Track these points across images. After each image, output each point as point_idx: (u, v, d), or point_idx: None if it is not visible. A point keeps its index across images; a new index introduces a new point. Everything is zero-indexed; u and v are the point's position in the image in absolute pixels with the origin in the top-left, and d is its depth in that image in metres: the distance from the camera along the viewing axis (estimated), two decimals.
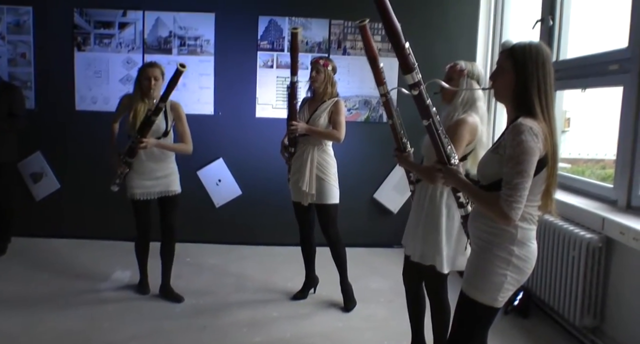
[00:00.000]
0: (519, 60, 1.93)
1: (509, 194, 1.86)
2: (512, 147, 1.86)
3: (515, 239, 1.98)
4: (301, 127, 3.73)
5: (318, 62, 3.77)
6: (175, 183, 3.91)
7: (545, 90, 1.92)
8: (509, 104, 2.02)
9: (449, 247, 2.69)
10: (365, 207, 5.33)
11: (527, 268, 2.02)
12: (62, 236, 5.22)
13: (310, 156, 3.77)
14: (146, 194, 3.84)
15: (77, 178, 5.21)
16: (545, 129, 1.88)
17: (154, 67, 3.74)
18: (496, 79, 2.02)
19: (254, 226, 5.32)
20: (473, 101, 2.65)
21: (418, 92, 2.06)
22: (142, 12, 5.12)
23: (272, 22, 5.17)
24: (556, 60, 4.05)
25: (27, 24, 5.08)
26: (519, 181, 1.85)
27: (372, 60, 2.63)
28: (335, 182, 3.83)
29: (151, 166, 3.80)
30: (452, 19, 5.16)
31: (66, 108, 5.14)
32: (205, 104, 5.18)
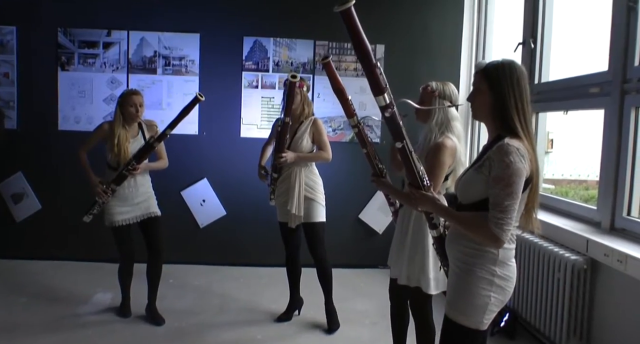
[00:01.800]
0: (494, 80, 1.94)
1: (499, 217, 1.85)
2: (501, 168, 1.85)
3: (497, 260, 1.97)
4: (290, 157, 3.71)
5: (294, 84, 3.62)
6: (155, 205, 3.92)
7: (522, 108, 1.93)
8: (489, 124, 2.03)
9: (436, 269, 2.69)
10: (351, 228, 5.32)
11: (509, 287, 2.02)
12: (43, 257, 5.16)
13: (297, 178, 3.76)
14: (127, 220, 3.83)
15: (59, 199, 5.16)
16: (528, 148, 1.89)
17: (138, 94, 3.76)
18: (474, 100, 2.02)
19: (238, 247, 5.29)
20: (448, 121, 2.68)
21: (390, 114, 1.98)
22: (127, 32, 5.12)
23: (257, 42, 5.19)
24: (538, 82, 4.10)
25: (10, 44, 5.07)
26: (509, 202, 1.85)
27: (339, 93, 2.64)
28: (322, 201, 3.84)
29: (131, 191, 3.81)
30: (435, 40, 5.21)
31: (49, 128, 5.11)
32: (190, 124, 5.16)
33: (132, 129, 3.79)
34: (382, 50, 5.20)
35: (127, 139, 3.74)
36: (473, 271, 1.99)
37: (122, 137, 3.72)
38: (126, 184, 3.77)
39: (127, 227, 3.84)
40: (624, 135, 3.10)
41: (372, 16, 5.15)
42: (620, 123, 3.12)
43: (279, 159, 3.69)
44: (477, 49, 5.14)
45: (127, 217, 3.81)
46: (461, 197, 2.07)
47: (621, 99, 3.11)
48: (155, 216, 3.89)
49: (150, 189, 3.92)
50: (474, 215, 1.95)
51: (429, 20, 5.22)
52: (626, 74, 3.09)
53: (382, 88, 1.92)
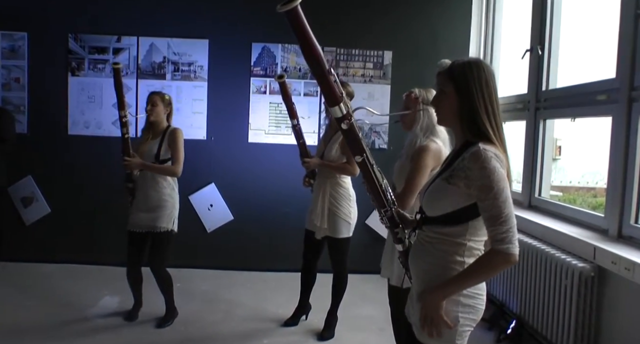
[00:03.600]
0: (461, 81, 1.77)
1: (504, 230, 1.67)
2: (486, 176, 1.69)
3: None
4: (313, 163, 3.71)
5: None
6: (162, 219, 3.76)
7: (493, 110, 1.77)
8: (457, 128, 1.85)
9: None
10: (357, 234, 5.09)
11: (478, 304, 1.85)
12: (52, 261, 5.18)
13: (323, 189, 3.72)
14: (135, 226, 3.81)
15: (68, 203, 5.20)
16: (502, 154, 1.75)
17: (154, 94, 3.86)
18: (438, 103, 1.85)
19: (245, 252, 5.29)
20: (432, 125, 2.69)
21: (347, 126, 1.81)
22: (137, 38, 5.16)
23: (265, 48, 5.22)
24: (546, 89, 4.10)
25: (21, 49, 5.13)
26: (507, 210, 1.69)
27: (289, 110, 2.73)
28: (347, 217, 3.74)
29: (143, 194, 3.80)
30: (443, 48, 5.20)
31: (58, 132, 5.16)
32: (198, 129, 5.20)
33: (155, 131, 3.82)
34: (390, 57, 5.21)
35: (146, 140, 3.82)
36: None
37: (143, 137, 3.86)
38: (139, 186, 3.81)
39: (135, 235, 3.82)
40: (632, 142, 3.09)
41: (381, 23, 5.18)
42: (628, 130, 3.11)
43: (303, 165, 3.75)
44: (484, 56, 5.15)
45: (134, 223, 3.81)
46: (427, 209, 1.87)
47: (629, 107, 3.10)
48: (160, 231, 3.76)
49: (166, 198, 3.78)
50: (482, 259, 1.75)
51: (437, 28, 5.24)
52: (634, 82, 3.09)
53: (338, 98, 1.72)
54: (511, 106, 4.48)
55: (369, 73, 5.22)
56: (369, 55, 5.19)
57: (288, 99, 3.74)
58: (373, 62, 5.21)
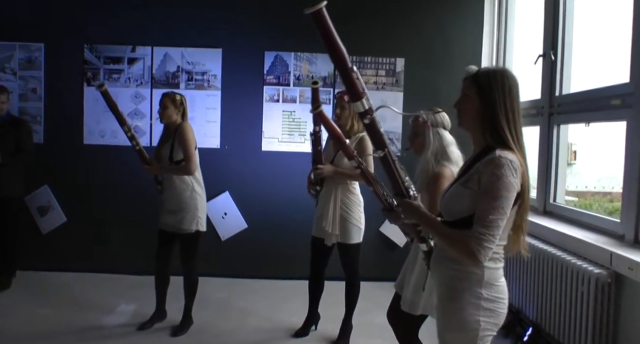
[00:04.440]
0: (484, 87, 1.81)
1: (481, 232, 1.72)
2: (491, 181, 1.73)
3: (482, 281, 1.84)
4: (327, 170, 3.66)
5: (342, 98, 3.62)
6: (186, 221, 3.80)
7: (514, 118, 1.81)
8: (476, 133, 1.89)
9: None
10: (372, 241, 5.20)
11: (500, 308, 1.88)
12: (68, 269, 5.20)
13: (334, 196, 3.70)
14: (164, 225, 3.87)
15: (84, 212, 5.23)
16: (521, 161, 1.78)
17: (164, 97, 3.87)
18: (461, 107, 1.89)
19: (259, 260, 5.28)
20: (443, 148, 2.66)
21: (369, 121, 1.86)
22: (151, 48, 5.21)
23: (277, 57, 5.24)
24: (559, 94, 4.07)
25: (38, 60, 5.19)
26: (494, 217, 1.72)
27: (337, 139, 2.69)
28: (359, 222, 3.75)
29: (167, 196, 3.85)
30: (455, 54, 5.20)
31: (74, 142, 5.21)
32: (212, 138, 5.23)
33: (169, 131, 3.86)
34: (402, 64, 5.21)
35: (161, 142, 3.93)
36: (458, 296, 1.86)
37: (162, 140, 3.94)
38: (165, 189, 3.86)
39: (164, 234, 3.88)
40: None
41: (392, 30, 5.18)
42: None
43: (315, 171, 3.69)
44: (497, 62, 5.12)
45: (162, 221, 3.88)
46: (445, 214, 1.93)
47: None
48: (185, 233, 3.81)
49: (189, 201, 3.80)
50: (457, 231, 1.81)
51: (450, 34, 5.22)
52: None
53: (360, 93, 1.81)
54: (525, 111, 4.42)
55: (381, 80, 5.22)
56: (381, 62, 5.19)
57: (317, 104, 3.61)
58: (385, 69, 5.21)
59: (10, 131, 4.64)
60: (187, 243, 3.86)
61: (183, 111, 3.90)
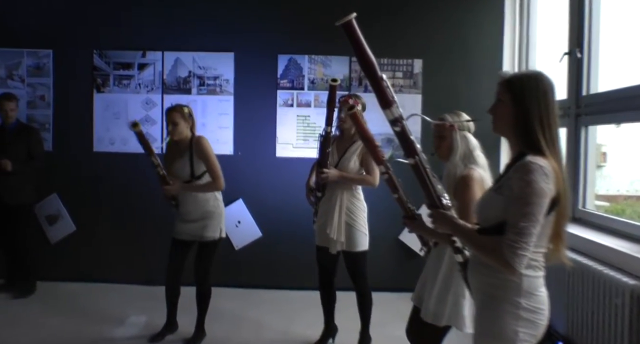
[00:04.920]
0: (518, 92, 1.81)
1: (513, 240, 1.69)
2: (520, 187, 1.71)
3: (522, 290, 1.80)
4: (332, 174, 3.58)
5: (347, 101, 3.55)
6: (210, 229, 3.75)
7: (548, 123, 1.79)
8: (511, 139, 1.89)
9: (471, 306, 2.53)
10: (391, 250, 5.15)
11: (540, 320, 1.84)
12: (77, 279, 5.14)
13: (339, 201, 3.61)
14: (181, 234, 3.78)
15: (93, 221, 5.19)
16: (555, 167, 1.75)
17: (171, 112, 3.71)
18: (495, 112, 1.89)
19: (274, 269, 5.17)
20: (470, 152, 2.60)
21: (400, 128, 1.90)
22: (162, 53, 5.15)
23: (291, 60, 5.14)
24: (586, 94, 3.89)
25: (46, 67, 5.17)
26: (525, 224, 1.69)
27: (368, 141, 2.61)
28: (364, 229, 3.68)
29: (187, 208, 3.75)
30: (475, 55, 5.06)
31: (83, 149, 5.17)
32: (225, 144, 5.12)
33: (180, 145, 3.73)
34: (420, 66, 5.07)
35: (172, 157, 3.78)
36: (496, 305, 1.83)
37: (169, 155, 3.80)
38: (183, 201, 3.74)
39: (179, 243, 3.78)
40: None
41: (409, 30, 5.05)
42: None
43: (320, 175, 3.58)
44: (519, 63, 4.95)
45: (180, 231, 3.77)
46: (481, 220, 1.93)
47: None
48: (207, 241, 3.76)
49: (211, 209, 3.77)
50: (491, 238, 1.80)
51: (468, 34, 5.08)
52: None
53: (390, 101, 1.86)
54: None
55: (398, 83, 5.08)
56: (398, 64, 5.06)
57: (333, 104, 3.58)
58: (403, 71, 5.07)
59: (20, 138, 4.66)
60: (207, 251, 3.78)
61: (192, 123, 3.80)
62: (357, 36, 1.79)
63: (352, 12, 1.79)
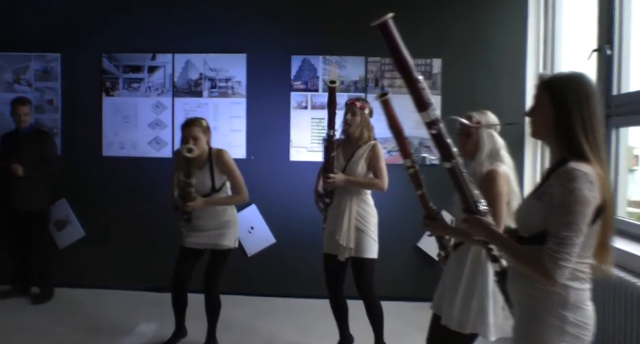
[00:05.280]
0: (558, 95, 1.73)
1: (555, 250, 1.63)
2: (563, 195, 1.64)
3: (568, 303, 1.72)
4: (339, 179, 3.51)
5: (354, 104, 3.54)
6: (227, 238, 3.71)
7: (592, 127, 1.70)
8: (551, 143, 1.81)
9: (496, 313, 2.49)
10: (408, 257, 4.99)
11: (585, 336, 1.75)
12: (86, 285, 5.07)
13: (348, 207, 3.53)
14: (194, 243, 3.71)
15: (103, 226, 5.13)
16: (600, 173, 1.67)
17: (192, 126, 3.57)
18: (533, 115, 1.82)
19: (288, 277, 5.04)
20: (497, 151, 2.57)
21: (436, 131, 1.87)
22: (172, 55, 5.07)
23: (305, 61, 5.01)
24: (617, 93, 3.66)
25: (54, 71, 5.13)
26: (567, 234, 1.62)
27: (397, 133, 2.53)
28: (375, 235, 3.59)
29: (204, 222, 3.68)
30: (496, 53, 4.86)
31: (93, 154, 5.12)
32: (237, 148, 5.00)
33: (200, 160, 3.61)
34: (439, 65, 4.88)
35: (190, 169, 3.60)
36: (539, 318, 1.75)
37: (179, 167, 3.63)
38: (198, 215, 3.64)
39: (191, 251, 3.70)
40: None
41: (427, 29, 4.87)
42: None
43: (327, 180, 3.52)
44: (544, 62, 4.71)
45: (194, 241, 3.70)
46: (521, 229, 1.86)
47: None
48: (222, 249, 3.70)
49: (229, 219, 3.73)
50: (531, 247, 1.73)
51: (489, 32, 4.88)
52: None
53: (426, 104, 1.84)
54: None
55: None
56: (416, 64, 4.65)
57: (333, 106, 3.53)
58: (421, 71, 4.78)
59: (33, 143, 4.65)
60: (220, 259, 3.72)
61: (209, 135, 3.72)
62: (394, 37, 1.77)
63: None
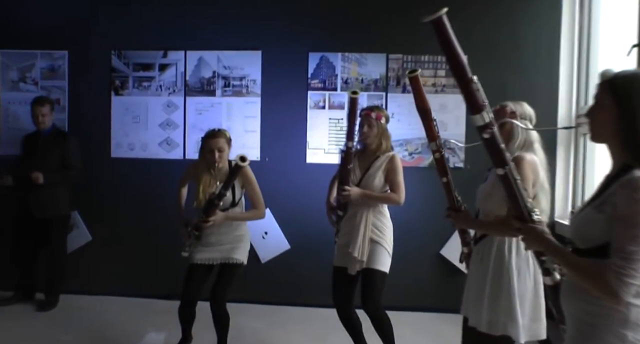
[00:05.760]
0: (622, 94, 1.60)
1: (620, 265, 1.51)
2: (628, 205, 1.52)
3: (628, 321, 1.59)
4: (354, 193, 3.37)
5: (369, 115, 3.40)
6: (240, 252, 3.60)
7: None
8: (613, 148, 1.68)
9: (524, 313, 2.41)
10: (430, 266, 4.77)
11: None
12: (93, 292, 4.94)
13: (364, 219, 3.39)
14: (205, 259, 3.57)
15: (110, 230, 4.98)
16: None
17: (217, 137, 3.49)
18: (593, 117, 1.69)
19: (303, 285, 4.86)
20: (530, 143, 2.50)
21: (490, 136, 1.79)
22: (184, 52, 4.91)
23: (323, 58, 4.80)
24: None
25: (62, 69, 4.99)
26: (635, 248, 1.51)
27: (425, 113, 2.46)
28: (390, 248, 3.43)
29: (218, 237, 3.57)
30: (528, 51, 4.61)
31: (101, 155, 4.96)
32: (251, 149, 4.83)
33: (219, 173, 3.51)
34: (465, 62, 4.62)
35: (210, 185, 3.50)
36: (597, 336, 1.64)
37: (206, 182, 3.51)
38: (214, 231, 3.52)
39: (201, 268, 3.56)
40: None
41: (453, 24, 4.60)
42: None
43: (342, 193, 3.37)
44: (579, 59, 4.47)
45: (204, 256, 3.56)
46: (578, 241, 1.72)
47: None
48: (234, 263, 3.56)
49: (242, 233, 3.64)
50: (592, 261, 1.61)
51: (520, 28, 4.63)
52: None
53: (480, 106, 1.77)
54: None
55: (440, 82, 4.68)
56: (440, 62, 4.63)
57: (353, 117, 3.37)
58: (445, 69, 4.64)
59: (54, 146, 4.54)
60: (230, 273, 3.57)
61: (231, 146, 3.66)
62: (448, 34, 1.70)
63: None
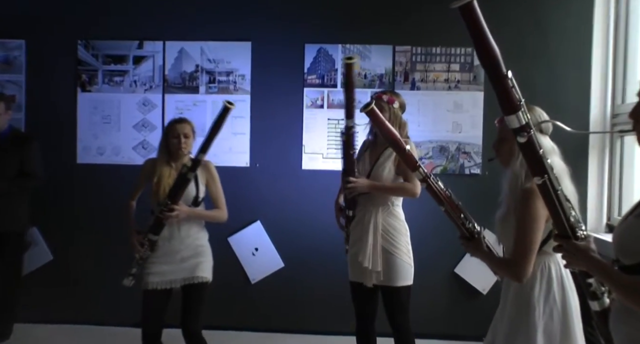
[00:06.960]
0: None
1: None
2: None
3: None
4: (361, 184, 3.10)
5: (381, 97, 3.17)
6: (204, 267, 3.32)
7: None
8: None
9: None
10: (444, 286, 4.47)
11: None
12: (53, 320, 4.57)
13: (373, 221, 3.12)
14: (164, 283, 3.26)
15: (75, 248, 4.63)
16: None
17: (183, 123, 3.39)
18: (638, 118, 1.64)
19: (299, 308, 4.60)
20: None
21: (527, 139, 1.65)
22: (163, 43, 4.60)
23: (321, 51, 4.50)
24: None
25: (18, 61, 4.65)
26: None
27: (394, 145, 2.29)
28: (408, 257, 3.17)
29: (175, 245, 3.30)
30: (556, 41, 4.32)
31: (65, 161, 4.62)
32: (239, 154, 4.57)
33: (180, 164, 3.31)
34: None
35: (170, 176, 3.30)
36: None
37: (165, 174, 3.31)
38: (168, 235, 3.25)
39: (161, 294, 3.24)
40: None
41: None
42: None
43: (347, 185, 3.10)
44: (615, 52, 4.14)
45: (164, 279, 3.24)
46: (622, 256, 1.67)
47: None
48: (201, 282, 3.28)
49: (204, 243, 3.38)
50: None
51: (548, 17, 4.34)
52: None
53: (516, 105, 1.63)
54: None
55: (454, 77, 4.38)
56: (454, 54, 4.37)
57: (351, 88, 3.09)
58: (460, 62, 4.36)
59: (11, 150, 4.16)
60: (198, 295, 3.30)
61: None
62: (480, 22, 1.54)
63: None
